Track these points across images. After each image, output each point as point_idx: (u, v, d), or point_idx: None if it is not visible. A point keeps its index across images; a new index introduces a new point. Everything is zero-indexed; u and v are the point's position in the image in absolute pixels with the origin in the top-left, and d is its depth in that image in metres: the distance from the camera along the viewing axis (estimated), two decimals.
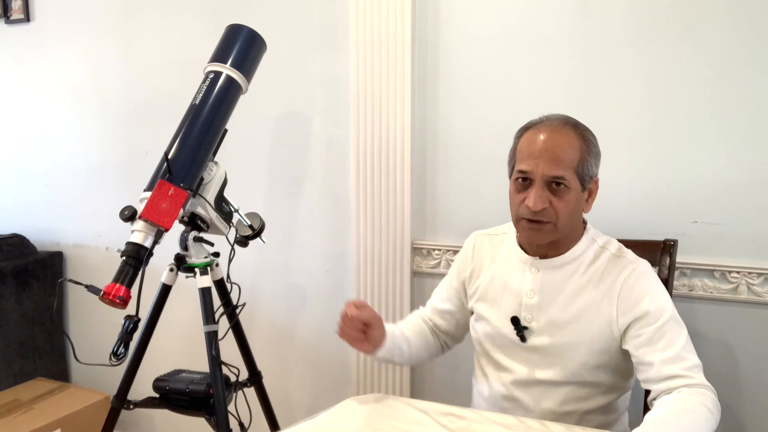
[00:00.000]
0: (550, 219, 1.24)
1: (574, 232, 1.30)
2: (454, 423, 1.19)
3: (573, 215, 1.26)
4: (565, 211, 1.23)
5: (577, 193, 1.25)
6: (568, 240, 1.30)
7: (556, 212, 1.23)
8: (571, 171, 1.22)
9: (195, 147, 1.58)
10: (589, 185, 1.27)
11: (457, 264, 1.49)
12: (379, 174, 1.89)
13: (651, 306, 1.22)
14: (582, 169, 1.24)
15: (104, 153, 2.40)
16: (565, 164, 1.22)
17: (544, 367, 1.30)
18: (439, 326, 1.52)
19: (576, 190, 1.24)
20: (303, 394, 2.18)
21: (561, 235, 1.28)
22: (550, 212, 1.23)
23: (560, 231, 1.26)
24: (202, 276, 1.62)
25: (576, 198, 1.25)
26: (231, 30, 1.71)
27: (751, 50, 1.50)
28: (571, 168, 1.22)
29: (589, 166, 1.25)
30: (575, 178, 1.23)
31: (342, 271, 2.03)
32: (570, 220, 1.26)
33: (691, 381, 1.16)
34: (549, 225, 1.24)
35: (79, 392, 2.34)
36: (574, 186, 1.23)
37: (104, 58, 2.35)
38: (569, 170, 1.22)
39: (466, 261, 1.45)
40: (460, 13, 1.78)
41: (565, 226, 1.26)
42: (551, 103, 1.69)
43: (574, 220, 1.28)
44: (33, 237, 2.54)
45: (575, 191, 1.24)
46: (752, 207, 1.54)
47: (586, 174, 1.25)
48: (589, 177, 1.26)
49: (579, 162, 1.23)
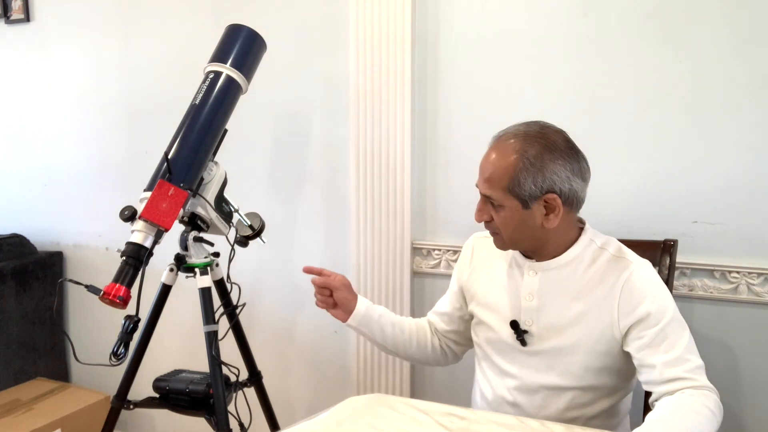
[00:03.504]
0: (496, 231, 1.29)
1: (564, 237, 1.29)
2: (454, 423, 1.19)
3: (520, 230, 1.25)
4: (504, 226, 1.26)
5: (516, 211, 1.23)
6: (560, 243, 1.29)
7: (498, 226, 1.27)
8: (501, 190, 1.22)
9: (195, 147, 1.58)
10: (537, 203, 1.21)
11: (457, 268, 1.48)
12: (379, 174, 1.89)
13: (653, 307, 1.21)
14: (516, 188, 1.21)
15: (104, 153, 2.40)
16: (493, 183, 1.23)
17: (546, 371, 1.29)
18: (439, 328, 1.52)
19: (512, 207, 1.23)
20: (303, 394, 2.18)
21: (516, 247, 1.31)
22: (494, 225, 1.28)
23: (508, 243, 1.29)
24: (202, 276, 1.62)
25: (517, 215, 1.23)
26: (231, 30, 1.71)
27: (751, 50, 1.50)
28: (500, 188, 1.22)
29: (525, 185, 1.20)
30: (509, 197, 1.22)
31: (342, 271, 2.00)
32: (518, 234, 1.26)
33: (694, 383, 1.16)
34: (498, 236, 1.30)
35: (79, 392, 2.34)
36: (509, 204, 1.22)
37: (104, 58, 2.35)
38: (497, 190, 1.22)
39: (465, 264, 1.45)
40: (461, 14, 1.78)
41: (512, 239, 1.28)
42: (551, 103, 1.70)
43: (525, 233, 1.26)
44: (33, 237, 2.54)
45: (512, 209, 1.23)
46: (752, 207, 1.54)
47: (524, 192, 1.20)
48: (530, 195, 1.21)
49: (510, 181, 1.21)
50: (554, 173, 1.20)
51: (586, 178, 1.26)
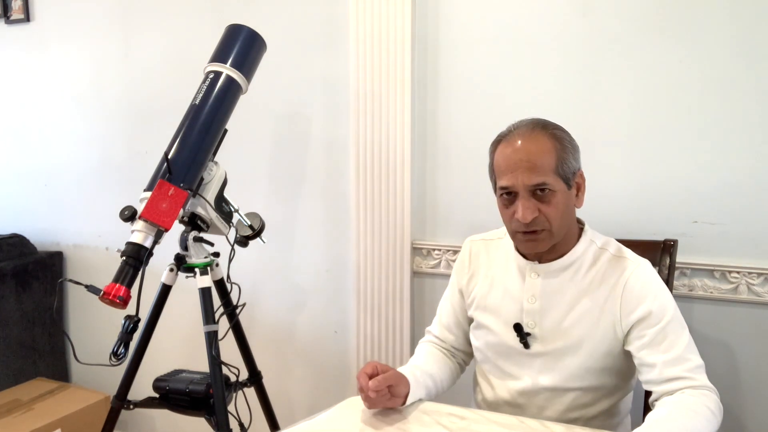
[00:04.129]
0: (543, 227, 1.22)
1: (570, 233, 1.29)
2: (454, 423, 1.19)
3: (565, 216, 1.25)
4: (556, 214, 1.22)
5: (564, 194, 1.23)
6: (564, 242, 1.28)
7: (547, 218, 1.22)
8: (552, 174, 1.21)
9: (195, 147, 1.58)
10: (575, 180, 1.25)
11: (455, 272, 1.46)
12: (379, 174, 1.89)
13: (653, 306, 1.21)
14: (562, 169, 1.21)
15: (104, 153, 2.40)
16: (544, 169, 1.20)
17: (548, 373, 1.29)
18: (452, 344, 1.47)
19: (562, 191, 1.22)
20: (303, 394, 2.18)
21: (559, 238, 1.27)
22: (541, 220, 1.21)
23: (556, 235, 1.25)
24: (202, 276, 1.62)
25: (564, 199, 1.23)
26: (231, 30, 1.70)
27: (751, 50, 1.50)
28: (551, 171, 1.20)
29: (568, 164, 1.22)
30: (558, 180, 1.21)
31: (342, 271, 2.03)
32: (564, 221, 1.25)
33: (694, 383, 1.16)
34: (544, 232, 1.23)
35: (79, 392, 2.34)
36: (560, 188, 1.22)
37: (104, 58, 2.35)
38: (549, 174, 1.20)
39: (464, 268, 1.43)
40: (460, 14, 1.78)
41: (560, 228, 1.25)
42: (551, 103, 1.70)
43: (568, 219, 1.26)
44: (33, 237, 2.54)
45: (562, 192, 1.22)
46: (752, 207, 1.54)
47: (568, 172, 1.22)
48: (572, 173, 1.23)
49: (557, 163, 1.21)
50: (577, 151, 1.26)
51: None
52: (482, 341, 1.38)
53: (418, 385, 1.30)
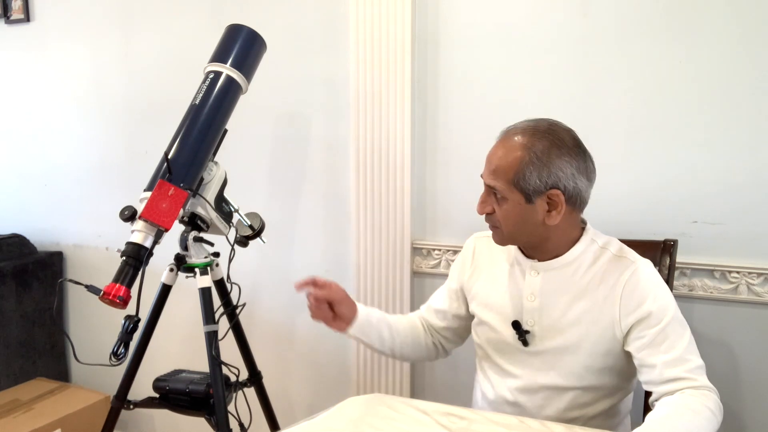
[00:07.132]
0: (495, 224, 1.29)
1: (565, 236, 1.28)
2: (454, 423, 1.19)
3: (520, 225, 1.25)
4: (505, 220, 1.25)
5: (519, 205, 1.23)
6: (561, 243, 1.29)
7: (499, 219, 1.26)
8: (505, 182, 1.22)
9: (195, 147, 1.58)
10: (540, 198, 1.21)
11: (456, 266, 1.48)
12: (379, 174, 1.89)
13: (654, 307, 1.21)
14: (519, 183, 1.21)
15: (104, 153, 2.40)
16: (499, 175, 1.23)
17: (547, 371, 1.29)
18: (432, 324, 1.51)
19: (515, 201, 1.22)
20: (303, 394, 2.18)
21: (513, 243, 1.31)
22: (495, 218, 1.27)
23: (508, 238, 1.29)
24: (202, 276, 1.62)
25: (517, 209, 1.23)
26: (231, 30, 1.70)
27: (751, 50, 1.50)
28: (505, 180, 1.22)
29: (529, 180, 1.20)
30: (513, 191, 1.22)
31: (342, 271, 2.03)
32: (518, 229, 1.26)
33: (694, 383, 1.16)
34: (497, 230, 1.29)
35: (79, 392, 2.34)
36: (513, 197, 1.22)
37: (104, 58, 2.35)
38: (502, 181, 1.22)
39: (466, 264, 1.45)
40: (461, 14, 1.78)
41: (512, 234, 1.27)
42: (551, 102, 1.70)
43: (526, 228, 1.26)
44: (33, 237, 2.54)
45: (514, 203, 1.23)
46: (752, 207, 1.54)
47: (528, 186, 1.21)
48: (534, 190, 1.21)
49: (515, 176, 1.21)
50: (560, 169, 1.21)
51: (592, 179, 1.26)
52: (483, 338, 1.39)
53: (369, 325, 1.41)
